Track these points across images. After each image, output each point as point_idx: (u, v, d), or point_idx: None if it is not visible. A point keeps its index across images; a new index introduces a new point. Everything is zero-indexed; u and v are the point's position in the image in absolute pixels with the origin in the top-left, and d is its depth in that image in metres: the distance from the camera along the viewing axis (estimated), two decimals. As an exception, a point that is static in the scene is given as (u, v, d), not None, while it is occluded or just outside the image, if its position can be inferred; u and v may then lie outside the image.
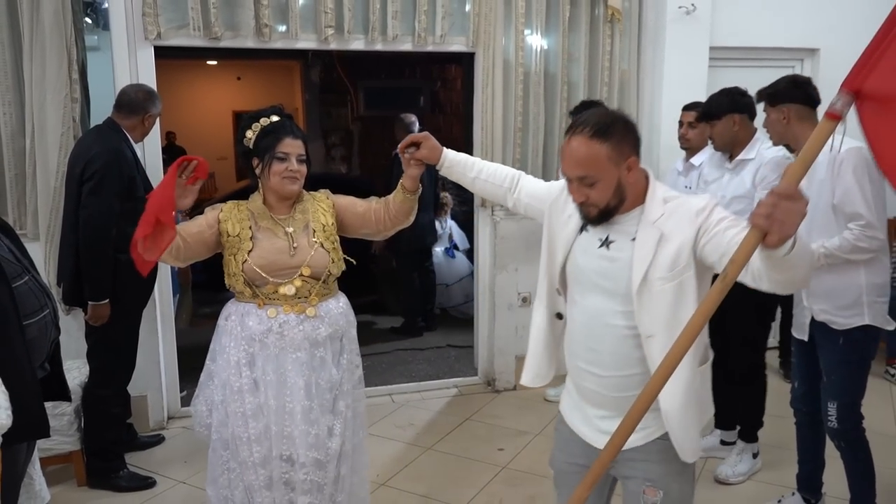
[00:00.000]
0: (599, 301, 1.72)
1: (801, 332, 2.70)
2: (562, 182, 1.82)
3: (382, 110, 8.71)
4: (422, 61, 8.76)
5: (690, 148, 3.65)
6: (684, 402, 1.66)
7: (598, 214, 1.68)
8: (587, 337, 1.76)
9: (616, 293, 1.68)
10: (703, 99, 3.99)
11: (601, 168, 1.62)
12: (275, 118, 2.21)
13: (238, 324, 2.22)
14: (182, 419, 3.89)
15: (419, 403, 4.17)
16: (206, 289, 6.03)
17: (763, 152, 3.02)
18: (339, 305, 2.30)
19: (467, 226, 5.51)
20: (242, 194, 2.23)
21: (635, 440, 1.71)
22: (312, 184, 2.35)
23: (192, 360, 4.21)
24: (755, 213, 1.31)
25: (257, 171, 2.22)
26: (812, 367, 2.71)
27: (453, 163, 2.07)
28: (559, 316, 1.87)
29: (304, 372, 2.19)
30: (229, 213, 2.23)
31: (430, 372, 4.65)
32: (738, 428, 3.34)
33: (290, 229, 2.21)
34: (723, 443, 3.43)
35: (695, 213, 1.62)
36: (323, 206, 2.29)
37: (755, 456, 3.30)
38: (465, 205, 5.78)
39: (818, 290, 2.56)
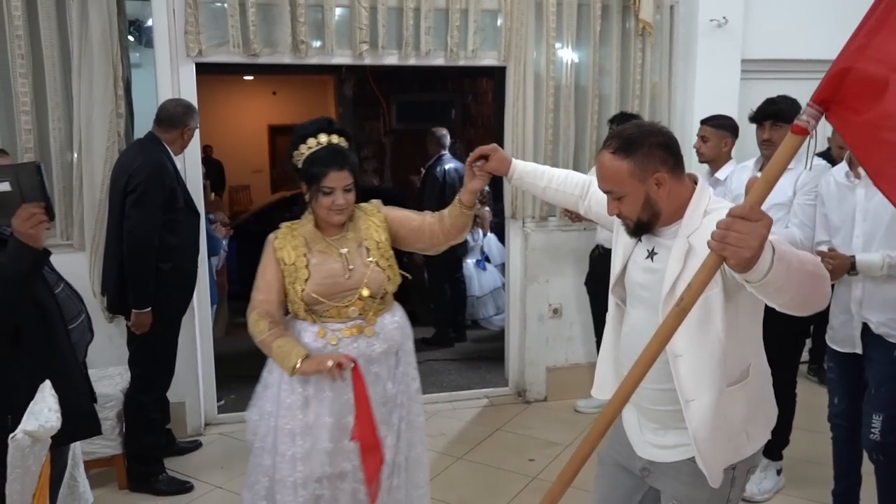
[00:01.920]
0: (642, 313, 1.72)
1: (848, 346, 2.63)
2: None
3: (414, 123, 8.81)
4: (453, 75, 8.84)
5: (706, 161, 3.59)
6: (713, 423, 1.61)
7: (633, 227, 1.69)
8: (630, 348, 1.73)
9: (654, 305, 1.65)
10: (735, 111, 4.00)
11: (624, 184, 1.63)
12: (322, 139, 2.16)
13: None
14: (219, 426, 3.99)
15: (450, 413, 4.20)
16: (241, 299, 6.14)
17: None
18: (394, 320, 2.27)
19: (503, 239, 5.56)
20: (276, 207, 2.24)
21: (670, 455, 1.73)
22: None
23: (228, 369, 4.32)
24: (712, 234, 1.25)
25: (306, 196, 2.19)
26: (856, 381, 2.66)
27: (524, 174, 2.06)
28: None
29: None
30: (284, 241, 2.20)
31: (461, 382, 4.68)
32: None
33: (345, 250, 2.18)
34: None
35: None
36: (375, 222, 2.25)
37: (779, 473, 3.28)
38: (497, 216, 5.82)
39: (877, 301, 2.52)
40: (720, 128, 3.49)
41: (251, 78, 10.18)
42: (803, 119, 1.27)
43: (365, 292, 2.15)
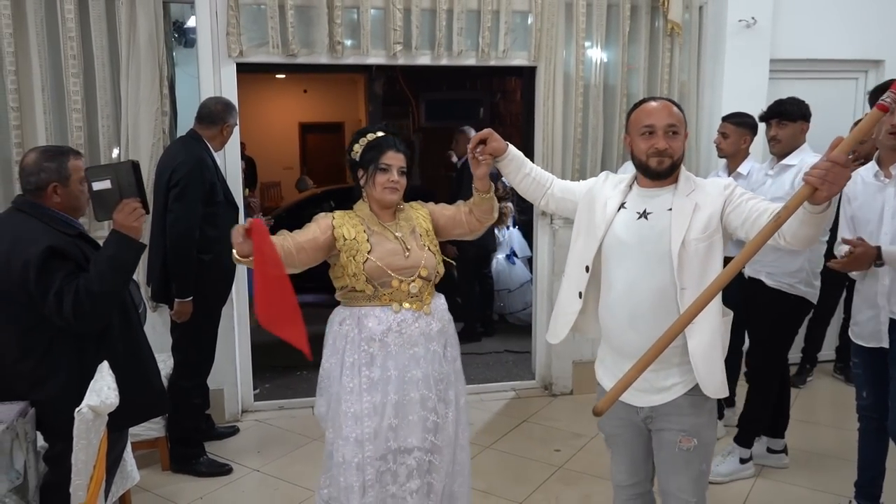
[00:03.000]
0: (640, 264, 1.99)
1: (875, 340, 2.69)
2: (592, 179, 2.21)
3: (443, 122, 8.91)
4: (482, 73, 8.92)
5: (725, 156, 3.67)
6: (711, 342, 1.95)
7: (669, 166, 2.00)
8: (629, 297, 2.00)
9: (655, 255, 1.96)
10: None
11: (681, 124, 2.02)
12: (380, 133, 2.36)
13: (355, 327, 2.29)
14: (255, 413, 4.14)
15: (477, 404, 4.29)
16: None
17: (806, 160, 3.08)
18: (442, 303, 2.44)
19: (529, 235, 5.64)
20: (307, 203, 2.32)
21: (668, 395, 2.02)
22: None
23: (261, 360, 4.46)
24: (808, 173, 1.62)
25: (362, 182, 2.36)
26: (883, 375, 2.70)
27: (515, 157, 2.26)
28: (580, 295, 2.11)
29: (421, 365, 2.30)
30: (342, 220, 2.32)
31: (489, 375, 4.77)
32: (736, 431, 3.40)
33: (399, 234, 2.34)
34: (769, 450, 3.45)
35: (723, 187, 2.00)
36: (422, 214, 2.44)
37: (743, 462, 3.30)
38: (524, 214, 5.90)
39: None
40: (741, 125, 3.58)
41: (283, 76, 10.35)
42: (887, 101, 1.62)
43: (423, 272, 2.32)
